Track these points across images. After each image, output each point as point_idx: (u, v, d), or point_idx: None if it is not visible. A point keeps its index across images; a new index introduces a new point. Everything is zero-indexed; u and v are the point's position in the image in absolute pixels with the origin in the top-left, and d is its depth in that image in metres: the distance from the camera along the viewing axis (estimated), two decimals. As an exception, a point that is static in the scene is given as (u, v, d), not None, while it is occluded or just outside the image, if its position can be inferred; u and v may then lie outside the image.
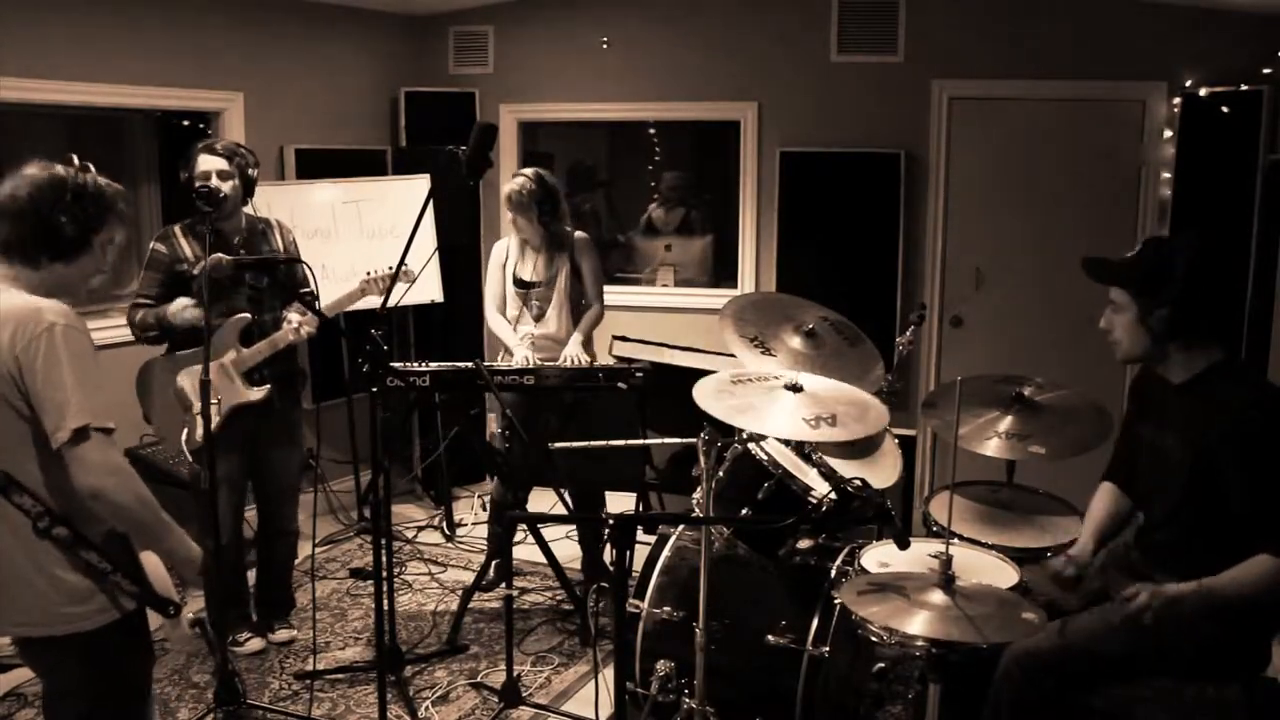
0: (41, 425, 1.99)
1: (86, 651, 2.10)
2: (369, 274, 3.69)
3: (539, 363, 4.07)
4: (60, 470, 2.00)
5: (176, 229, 3.60)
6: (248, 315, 3.57)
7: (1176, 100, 4.66)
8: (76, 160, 2.18)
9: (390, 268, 3.62)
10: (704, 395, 2.81)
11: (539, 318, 4.23)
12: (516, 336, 4.20)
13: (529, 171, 4.17)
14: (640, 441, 3.67)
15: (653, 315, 5.58)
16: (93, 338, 2.10)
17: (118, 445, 2.06)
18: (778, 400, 2.84)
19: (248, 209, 3.68)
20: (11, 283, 2.08)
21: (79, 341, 2.03)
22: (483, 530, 4.80)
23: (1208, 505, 2.43)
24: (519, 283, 4.24)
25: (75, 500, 2.03)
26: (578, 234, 4.29)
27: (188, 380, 3.56)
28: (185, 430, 3.55)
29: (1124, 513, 2.78)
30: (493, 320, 4.32)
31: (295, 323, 3.57)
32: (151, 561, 2.16)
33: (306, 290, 3.40)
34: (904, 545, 2.29)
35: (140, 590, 2.11)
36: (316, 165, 5.14)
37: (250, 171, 3.61)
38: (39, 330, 1.99)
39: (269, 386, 3.58)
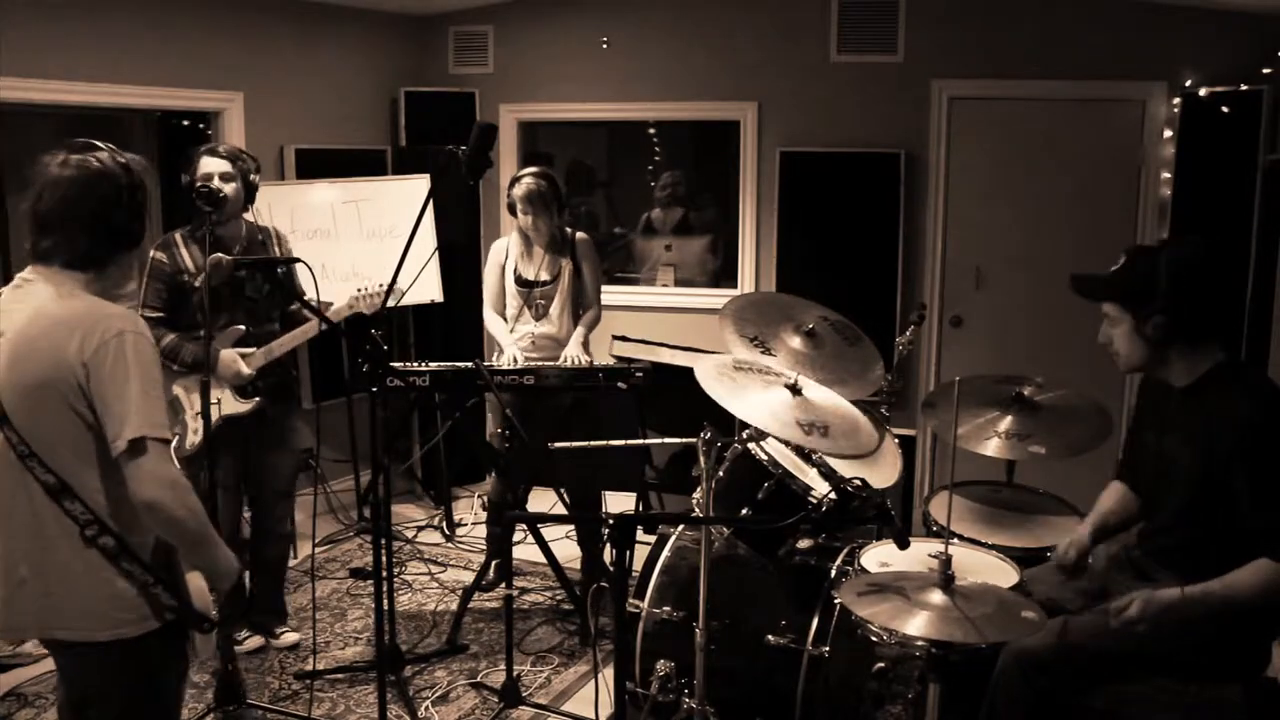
0: (104, 434, 1.97)
1: (126, 658, 2.08)
2: (359, 290, 3.64)
3: (538, 362, 4.07)
4: (118, 480, 1.98)
5: (177, 236, 3.59)
6: (242, 327, 3.57)
7: (1176, 100, 4.66)
8: (103, 146, 2.11)
9: (380, 285, 3.59)
10: (705, 373, 2.80)
11: (541, 317, 4.23)
12: (511, 336, 4.21)
13: (536, 170, 4.18)
14: (640, 441, 3.67)
15: (653, 315, 5.58)
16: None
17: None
18: (776, 396, 2.83)
19: (248, 216, 3.67)
20: (79, 286, 2.04)
21: (146, 351, 2.01)
22: (483, 530, 4.80)
23: (1214, 509, 2.42)
24: (521, 282, 4.24)
25: (127, 510, 2.01)
26: (579, 235, 4.30)
27: (182, 389, 3.58)
28: (176, 438, 3.57)
29: (1131, 511, 2.77)
30: (490, 320, 4.31)
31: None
32: (194, 576, 2.15)
33: (308, 298, 3.40)
34: (904, 545, 2.30)
35: (179, 604, 2.09)
36: (316, 165, 5.14)
37: (252, 176, 3.60)
38: (108, 337, 1.97)
39: (258, 399, 3.58)
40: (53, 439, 2.00)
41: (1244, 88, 4.47)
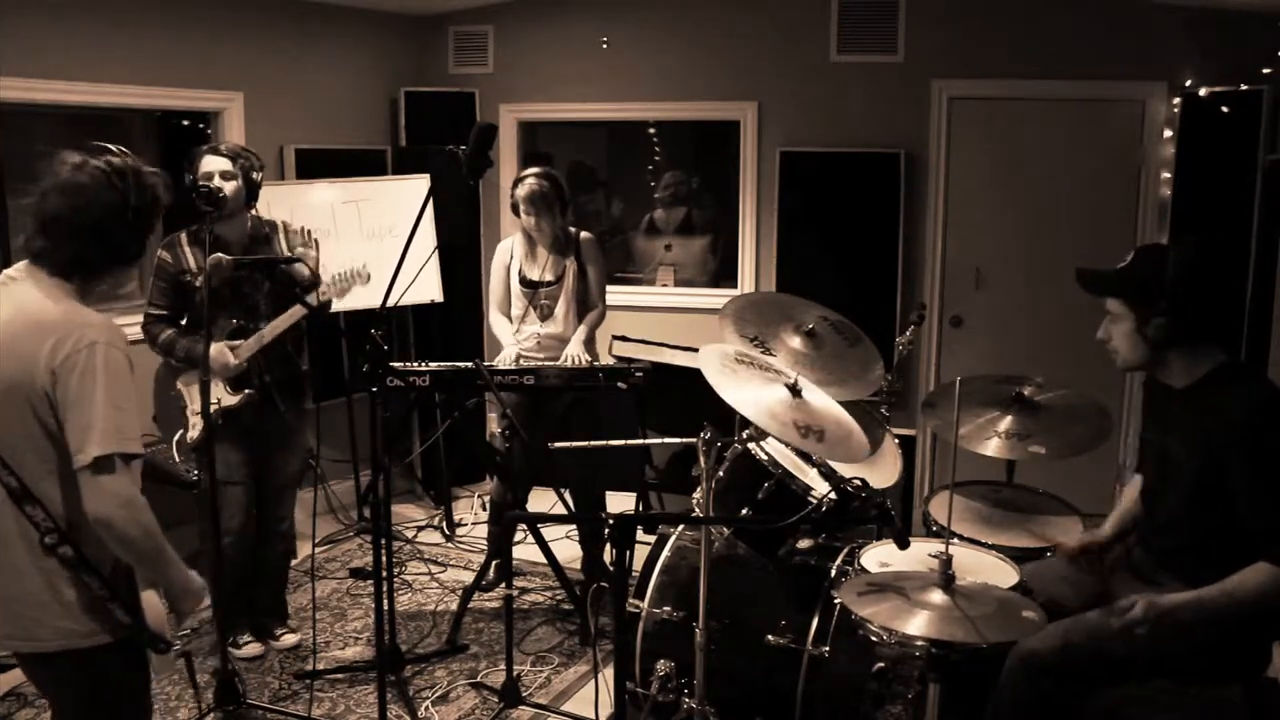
0: (66, 443, 1.94)
1: (84, 669, 2.06)
2: (332, 276, 3.56)
3: (538, 362, 4.07)
4: (77, 491, 1.95)
5: (182, 236, 3.58)
6: (234, 321, 3.55)
7: (1176, 100, 4.66)
8: (120, 155, 2.06)
9: (351, 269, 3.52)
10: (708, 359, 2.78)
11: (546, 317, 4.23)
12: (514, 338, 4.20)
13: (539, 170, 4.16)
14: (640, 441, 3.67)
15: (653, 315, 5.58)
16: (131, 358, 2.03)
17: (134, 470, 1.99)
18: (775, 394, 2.82)
19: (253, 212, 3.66)
20: (63, 293, 2.01)
21: (118, 363, 1.97)
22: (483, 530, 4.80)
23: (1212, 510, 2.42)
24: (526, 283, 4.23)
25: (86, 521, 1.96)
26: (584, 234, 4.29)
27: (184, 385, 3.58)
28: (179, 431, 3.57)
29: None
30: (495, 321, 4.31)
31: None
32: (150, 596, 2.10)
33: (304, 287, 3.41)
34: (904, 545, 2.30)
35: (134, 623, 2.05)
36: (316, 165, 5.14)
37: (254, 175, 3.59)
38: (80, 346, 1.93)
39: (248, 391, 3.56)
40: (17, 443, 1.96)
41: (1244, 88, 4.47)
